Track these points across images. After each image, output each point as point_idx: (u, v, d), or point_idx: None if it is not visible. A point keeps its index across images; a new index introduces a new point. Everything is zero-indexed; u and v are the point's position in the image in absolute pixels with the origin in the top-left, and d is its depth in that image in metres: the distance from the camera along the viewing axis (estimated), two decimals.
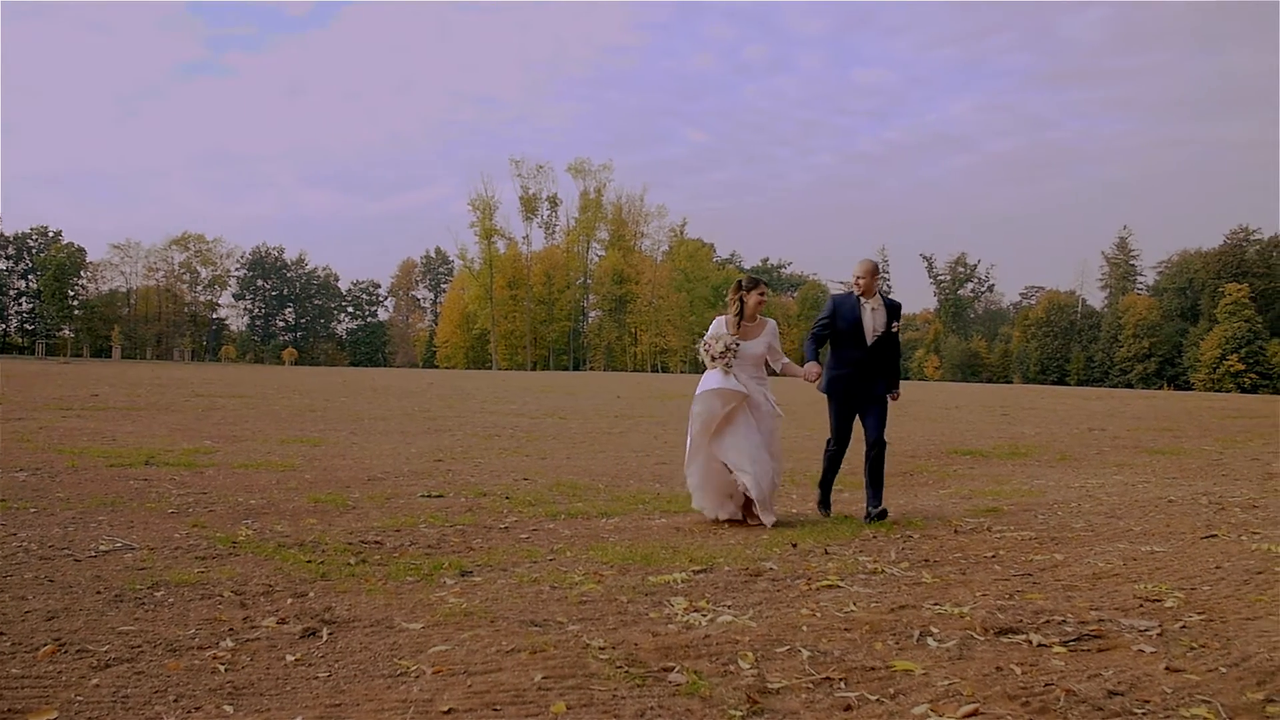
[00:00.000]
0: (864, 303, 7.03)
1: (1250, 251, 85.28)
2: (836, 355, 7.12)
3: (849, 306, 7.08)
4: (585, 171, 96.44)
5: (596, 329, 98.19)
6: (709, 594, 4.16)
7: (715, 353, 6.81)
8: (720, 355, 6.79)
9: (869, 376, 7.01)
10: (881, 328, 7.04)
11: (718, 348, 6.81)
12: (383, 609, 3.81)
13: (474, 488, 7.81)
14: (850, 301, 7.11)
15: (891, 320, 7.08)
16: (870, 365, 7.01)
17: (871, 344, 7.00)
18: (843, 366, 7.02)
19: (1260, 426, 19.03)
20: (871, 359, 7.01)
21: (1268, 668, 3.12)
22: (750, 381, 6.83)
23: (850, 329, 7.02)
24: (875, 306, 7.07)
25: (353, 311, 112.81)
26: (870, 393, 7.03)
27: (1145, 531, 6.11)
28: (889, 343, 7.13)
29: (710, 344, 6.86)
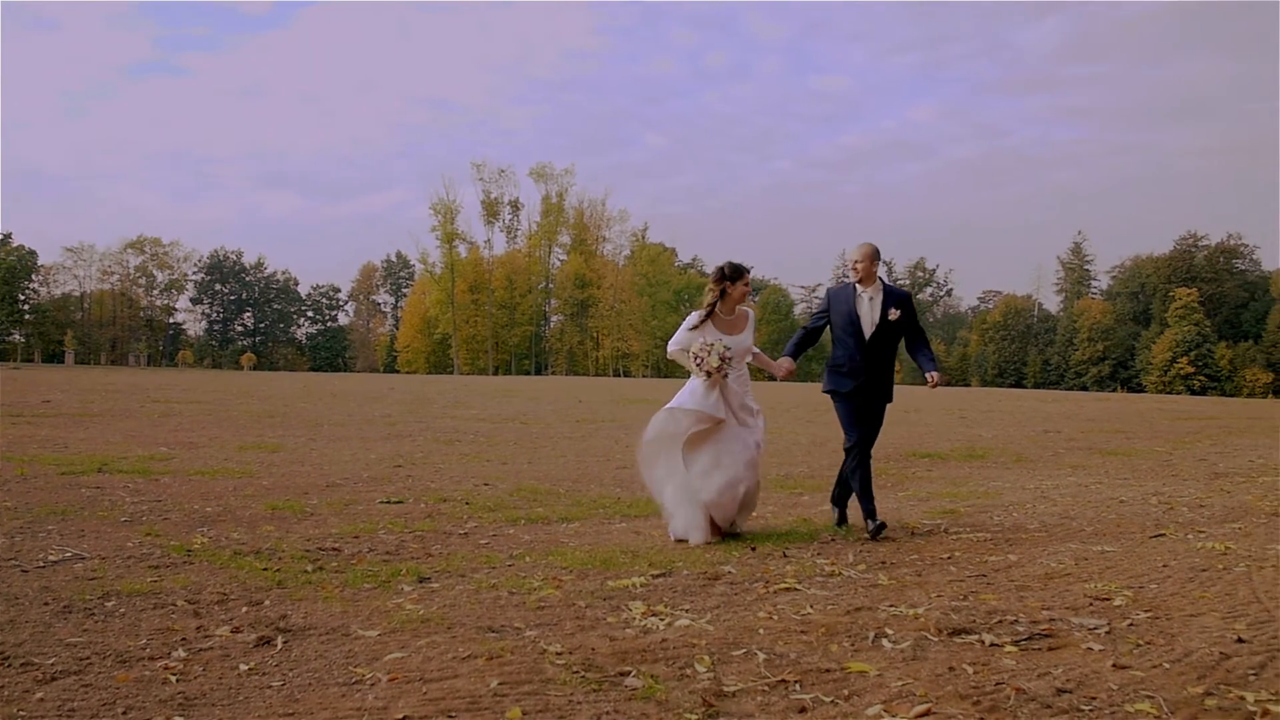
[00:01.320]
0: (861, 292, 6.48)
1: (1199, 257, 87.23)
2: (836, 352, 6.60)
3: (844, 297, 6.55)
4: (547, 175, 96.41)
5: (558, 333, 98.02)
6: (667, 598, 4.17)
7: (711, 366, 6.06)
8: (717, 369, 6.06)
9: (871, 374, 6.44)
10: (879, 318, 6.44)
11: (713, 360, 6.06)
12: (339, 616, 3.78)
13: (434, 493, 7.77)
14: (846, 292, 6.58)
15: (889, 308, 6.42)
16: (871, 361, 6.43)
17: (870, 337, 6.41)
18: (842, 362, 6.51)
19: (1208, 428, 19.43)
20: (872, 354, 6.43)
21: (1208, 662, 3.20)
22: (735, 385, 6.24)
23: (846, 321, 6.48)
24: (874, 295, 6.47)
25: (313, 316, 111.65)
26: (870, 392, 6.47)
27: (1097, 531, 6.22)
28: (892, 337, 6.49)
29: (703, 356, 6.10)
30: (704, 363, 6.09)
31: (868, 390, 6.45)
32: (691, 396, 6.17)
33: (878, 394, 6.49)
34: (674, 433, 6.13)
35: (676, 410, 6.15)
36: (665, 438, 6.17)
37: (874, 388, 6.47)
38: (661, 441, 6.19)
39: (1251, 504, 7.41)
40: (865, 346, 6.42)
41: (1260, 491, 8.29)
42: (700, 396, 6.14)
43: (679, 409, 6.15)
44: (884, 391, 6.54)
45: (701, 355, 6.12)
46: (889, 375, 6.56)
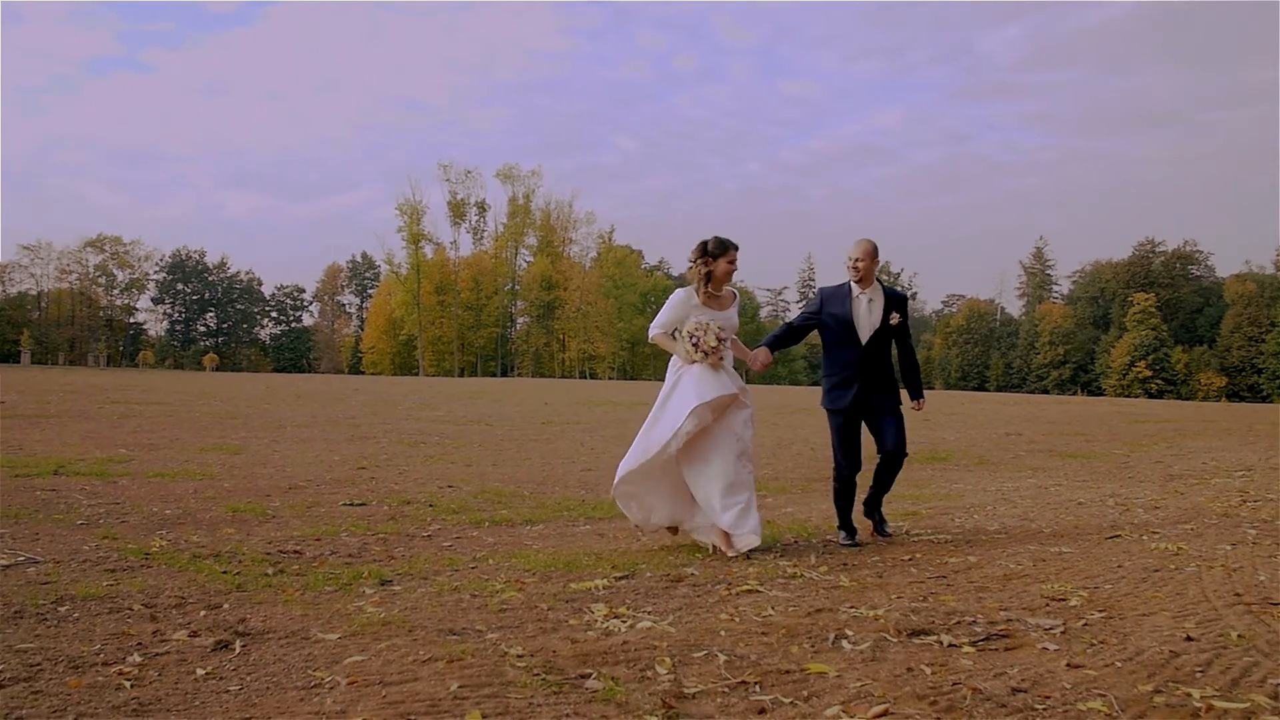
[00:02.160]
0: (859, 293, 5.99)
1: (1156, 263, 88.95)
2: (830, 360, 6.11)
3: (838, 299, 6.03)
4: (514, 177, 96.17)
5: (525, 335, 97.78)
6: (630, 600, 4.18)
7: (709, 345, 5.49)
8: (714, 349, 5.50)
9: (871, 381, 5.98)
10: (879, 322, 5.96)
11: (709, 339, 5.48)
12: (299, 620, 3.76)
13: (397, 495, 7.73)
14: (841, 293, 6.05)
15: (890, 312, 5.98)
16: (870, 368, 5.97)
17: (867, 342, 5.95)
18: (837, 372, 6.02)
19: (1164, 431, 19.76)
20: (870, 360, 5.97)
21: (1158, 661, 3.26)
22: (729, 367, 5.71)
23: (841, 326, 5.98)
24: (873, 297, 6.00)
25: (276, 316, 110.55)
26: (876, 400, 5.99)
27: (1055, 533, 6.30)
28: (891, 340, 6.09)
29: (699, 335, 5.51)
30: (701, 341, 5.52)
31: (870, 398, 5.98)
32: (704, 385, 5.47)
33: (883, 400, 6.01)
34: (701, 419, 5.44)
35: (700, 407, 5.41)
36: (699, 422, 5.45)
37: (878, 394, 5.99)
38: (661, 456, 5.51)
39: (1204, 505, 7.55)
40: (862, 353, 5.97)
41: (1212, 493, 8.45)
42: (712, 381, 5.50)
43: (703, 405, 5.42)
44: (890, 396, 6.05)
45: (698, 334, 5.55)
46: (891, 378, 6.12)
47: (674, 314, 5.73)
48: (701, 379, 5.50)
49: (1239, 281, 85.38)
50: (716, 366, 5.56)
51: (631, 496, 5.70)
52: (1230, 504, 7.59)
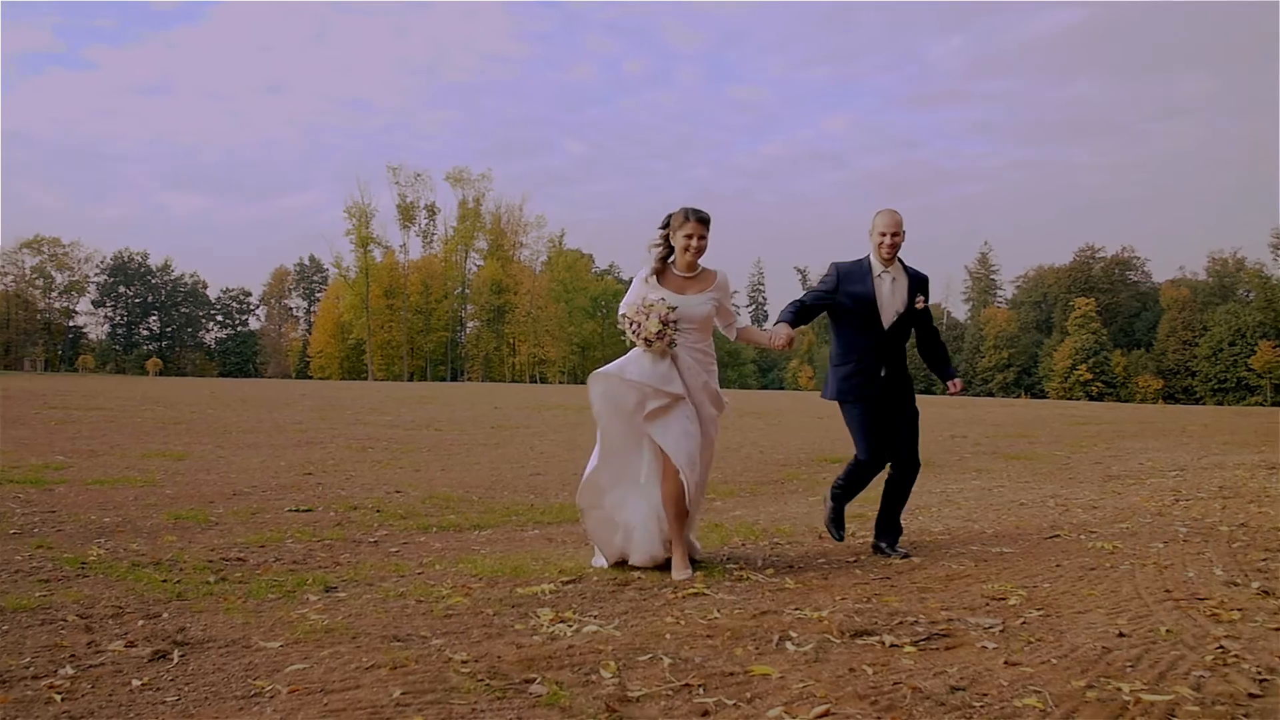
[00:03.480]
0: (880, 270, 5.38)
1: (1096, 268, 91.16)
2: (844, 345, 5.48)
3: (858, 276, 5.40)
4: (464, 180, 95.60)
5: (475, 339, 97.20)
6: (576, 604, 4.18)
7: (650, 332, 4.75)
8: (657, 335, 4.76)
9: (891, 372, 5.42)
10: (903, 305, 5.40)
11: (651, 324, 4.75)
12: (240, 628, 3.70)
13: (344, 501, 7.64)
14: (860, 270, 5.42)
15: (915, 294, 5.44)
16: (890, 356, 5.42)
17: (890, 327, 5.38)
18: (853, 359, 5.43)
19: (1104, 432, 20.21)
20: (890, 348, 5.42)
21: (1091, 657, 3.35)
22: (692, 362, 4.98)
23: (860, 308, 5.37)
24: (895, 276, 5.39)
25: (222, 320, 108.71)
26: (895, 395, 5.45)
27: (997, 534, 6.42)
28: (913, 325, 5.56)
29: (639, 319, 4.80)
30: (640, 327, 4.78)
31: (889, 390, 5.44)
32: (636, 365, 4.86)
33: (900, 394, 5.51)
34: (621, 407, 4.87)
35: (613, 380, 4.85)
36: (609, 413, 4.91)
37: (895, 387, 5.48)
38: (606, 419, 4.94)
39: (1139, 504, 7.74)
40: (883, 339, 5.39)
41: (1147, 493, 8.67)
42: (648, 367, 4.84)
43: (617, 378, 4.85)
44: (905, 389, 5.55)
45: (638, 319, 4.80)
46: (906, 369, 5.59)
47: (636, 293, 5.07)
48: (638, 359, 4.89)
49: (1174, 287, 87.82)
50: (661, 356, 4.88)
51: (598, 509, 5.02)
52: (1164, 503, 7.80)
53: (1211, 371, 78.78)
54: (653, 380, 4.83)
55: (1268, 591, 4.38)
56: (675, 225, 5.01)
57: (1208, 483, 9.44)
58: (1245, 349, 76.88)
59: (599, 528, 5.04)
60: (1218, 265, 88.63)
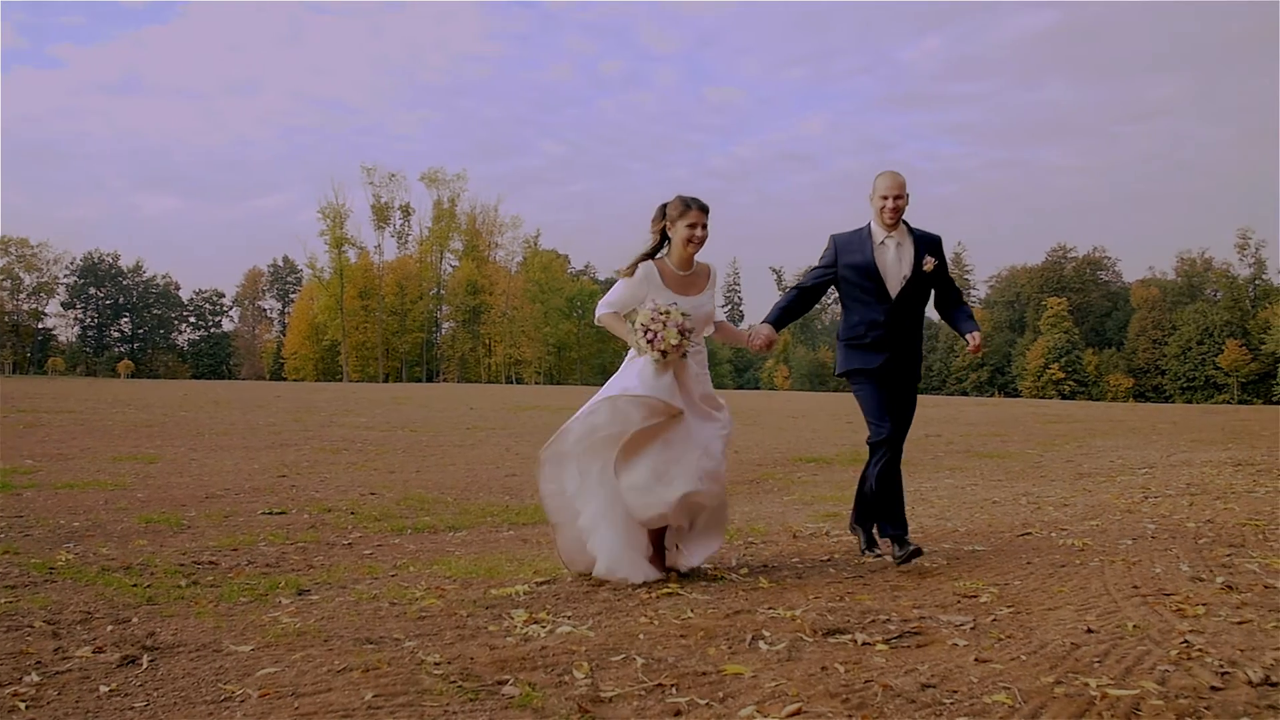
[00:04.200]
0: (881, 237, 5.06)
1: (1068, 268, 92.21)
2: (850, 319, 5.19)
3: (857, 245, 5.09)
4: (439, 181, 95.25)
5: (450, 340, 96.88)
6: (550, 605, 4.18)
7: (668, 342, 4.42)
8: (676, 346, 4.44)
9: (901, 346, 5.11)
10: (909, 270, 5.05)
11: (670, 334, 4.41)
12: (211, 632, 3.67)
13: (318, 503, 7.60)
14: (859, 239, 5.11)
15: (923, 256, 5.08)
16: (899, 327, 5.09)
17: (898, 295, 5.05)
18: (862, 334, 5.11)
19: (1075, 431, 20.41)
20: (900, 317, 5.08)
21: (1060, 653, 3.39)
22: (697, 369, 4.75)
23: (863, 278, 5.05)
24: (900, 241, 5.07)
25: (195, 322, 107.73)
26: (900, 372, 5.15)
27: (969, 531, 6.48)
28: (925, 291, 5.21)
29: (655, 328, 4.44)
30: (658, 338, 4.43)
31: (898, 366, 5.14)
32: (640, 379, 4.53)
33: (908, 372, 5.21)
34: (614, 434, 4.53)
35: (621, 400, 4.52)
36: (599, 442, 4.57)
37: (904, 363, 5.17)
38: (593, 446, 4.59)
39: (1109, 502, 7.84)
40: (892, 308, 5.07)
41: (1117, 490, 8.77)
42: (651, 379, 4.52)
43: (624, 398, 4.51)
44: (914, 368, 5.24)
45: (654, 328, 4.44)
46: (919, 347, 5.29)
47: (626, 294, 4.73)
48: (641, 373, 4.57)
49: (1144, 287, 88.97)
50: (666, 368, 4.58)
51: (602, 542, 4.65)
52: (1133, 500, 7.89)
53: (1180, 370, 79.83)
54: (658, 393, 4.51)
55: (1231, 586, 4.45)
56: (674, 215, 4.71)
57: (1176, 480, 9.57)
58: (1213, 348, 78.03)
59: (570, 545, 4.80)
60: (1186, 265, 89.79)
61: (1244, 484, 9.02)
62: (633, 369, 4.64)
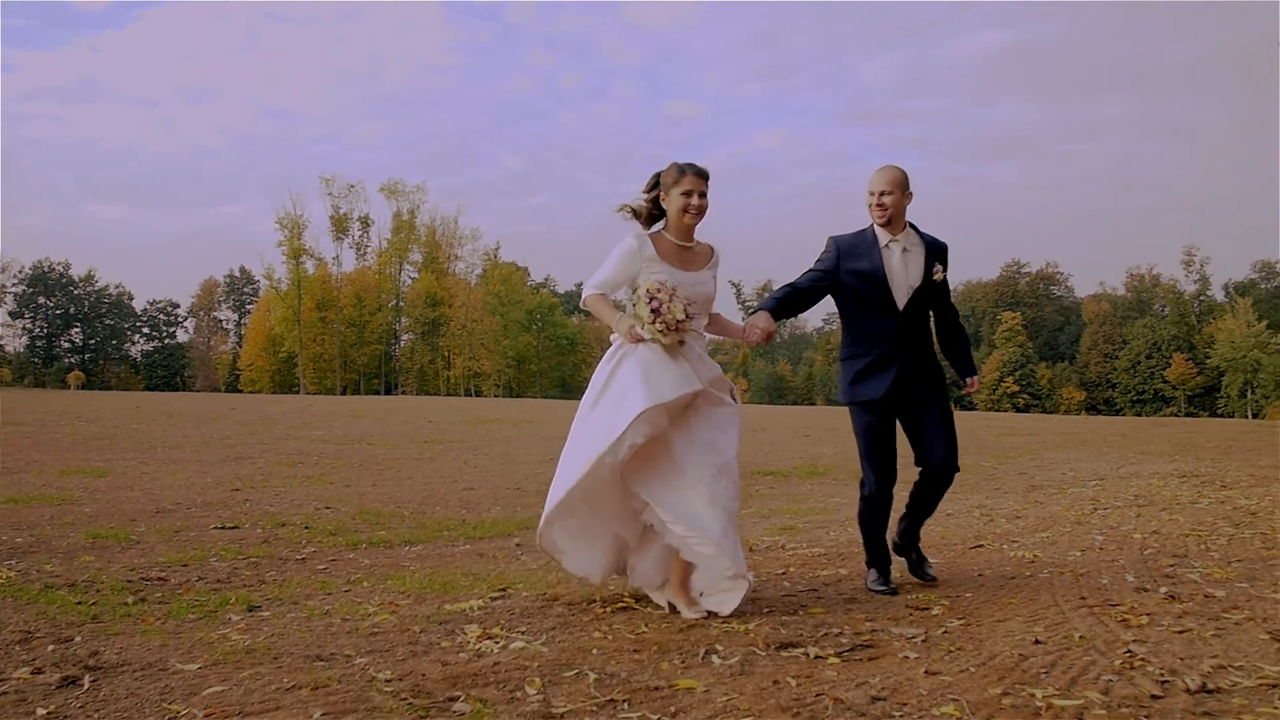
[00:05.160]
0: (886, 240, 4.58)
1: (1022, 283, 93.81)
2: (853, 335, 4.67)
3: (862, 249, 4.59)
4: (398, 192, 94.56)
5: (409, 352, 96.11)
6: (504, 620, 4.17)
7: (672, 318, 3.96)
8: (677, 325, 3.99)
9: (912, 363, 4.60)
10: (919, 279, 4.57)
11: (676, 308, 3.97)
12: (157, 650, 3.61)
13: (272, 518, 7.50)
14: (864, 242, 4.60)
15: (933, 264, 4.63)
16: (910, 343, 4.60)
17: (905, 306, 4.57)
18: (865, 351, 4.61)
19: (1029, 444, 20.70)
20: (909, 332, 4.60)
21: (1008, 664, 3.44)
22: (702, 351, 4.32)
23: (868, 286, 4.56)
24: (908, 245, 4.60)
25: (148, 332, 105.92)
26: (919, 389, 4.63)
27: (923, 544, 6.50)
28: (931, 301, 4.73)
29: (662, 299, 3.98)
30: (664, 309, 3.96)
31: (908, 384, 4.61)
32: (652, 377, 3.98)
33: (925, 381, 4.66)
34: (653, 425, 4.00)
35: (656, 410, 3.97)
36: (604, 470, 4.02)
37: (917, 376, 4.63)
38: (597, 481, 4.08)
39: (1060, 514, 7.96)
40: (899, 323, 4.57)
41: (1068, 502, 8.91)
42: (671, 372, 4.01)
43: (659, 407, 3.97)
44: (933, 373, 4.70)
45: (661, 298, 3.98)
46: (934, 355, 4.79)
47: (619, 269, 4.23)
48: (654, 367, 4.01)
49: (1095, 301, 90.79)
50: (674, 351, 4.08)
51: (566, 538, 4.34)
52: (1083, 512, 8.03)
53: (1130, 383, 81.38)
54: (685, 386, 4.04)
55: (1174, 596, 4.54)
56: (668, 183, 4.27)
57: (1124, 492, 9.74)
58: (1161, 362, 79.70)
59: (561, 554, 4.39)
60: (1135, 281, 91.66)
61: (1189, 495, 9.21)
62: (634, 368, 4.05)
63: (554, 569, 5.51)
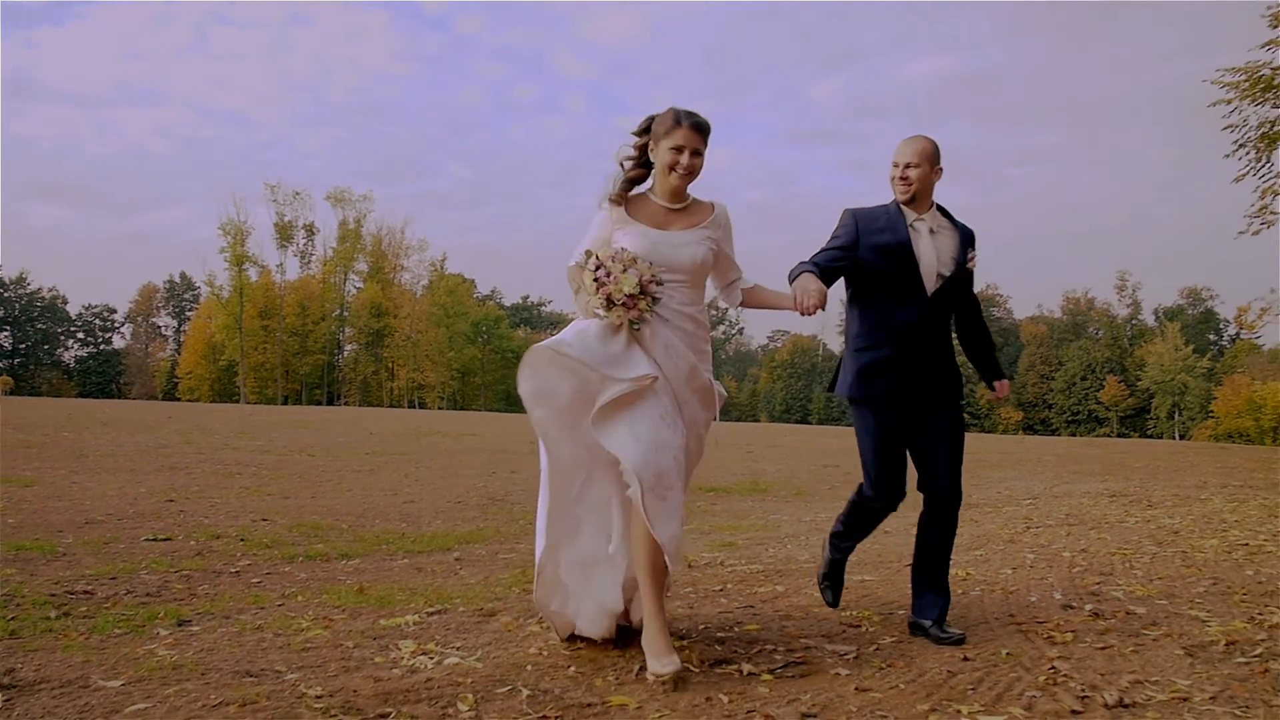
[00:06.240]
0: (913, 218, 4.06)
1: None
2: (869, 322, 4.05)
3: (886, 223, 4.02)
4: (345, 200, 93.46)
5: (352, 363, 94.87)
6: (439, 635, 4.14)
7: (620, 291, 3.35)
8: (627, 300, 3.37)
9: (929, 363, 3.98)
10: (949, 267, 4.00)
11: (628, 281, 3.35)
12: (79, 667, 3.53)
13: (207, 529, 7.36)
14: (889, 215, 4.04)
15: (966, 252, 4.07)
16: (931, 339, 3.99)
17: (934, 294, 3.97)
18: (880, 342, 3.98)
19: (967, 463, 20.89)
20: (932, 326, 3.99)
21: (937, 680, 3.51)
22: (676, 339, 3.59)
23: (892, 265, 3.95)
24: (936, 226, 4.06)
25: (83, 338, 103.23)
26: (935, 397, 4.01)
27: (860, 561, 6.64)
28: (958, 299, 4.12)
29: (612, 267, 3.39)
30: (611, 279, 3.36)
31: (921, 389, 3.99)
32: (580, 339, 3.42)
33: (941, 388, 4.04)
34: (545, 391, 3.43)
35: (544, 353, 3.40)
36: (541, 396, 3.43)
37: (932, 381, 4.01)
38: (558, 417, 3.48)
39: (993, 532, 8.12)
40: (924, 313, 3.96)
41: (1002, 520, 9.10)
42: (598, 342, 3.41)
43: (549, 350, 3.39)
44: (951, 380, 4.06)
45: (611, 266, 3.39)
46: (954, 358, 4.12)
47: (593, 234, 3.71)
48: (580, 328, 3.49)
49: (1032, 324, 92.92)
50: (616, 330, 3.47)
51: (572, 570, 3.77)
52: (1015, 530, 8.20)
53: (1066, 404, 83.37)
54: (598, 361, 3.35)
55: (1098, 613, 4.67)
56: (659, 131, 3.68)
57: (1056, 510, 9.97)
58: (1095, 383, 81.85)
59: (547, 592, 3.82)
60: (1071, 304, 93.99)
61: (1117, 514, 9.45)
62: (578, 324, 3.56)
63: (493, 584, 5.49)
